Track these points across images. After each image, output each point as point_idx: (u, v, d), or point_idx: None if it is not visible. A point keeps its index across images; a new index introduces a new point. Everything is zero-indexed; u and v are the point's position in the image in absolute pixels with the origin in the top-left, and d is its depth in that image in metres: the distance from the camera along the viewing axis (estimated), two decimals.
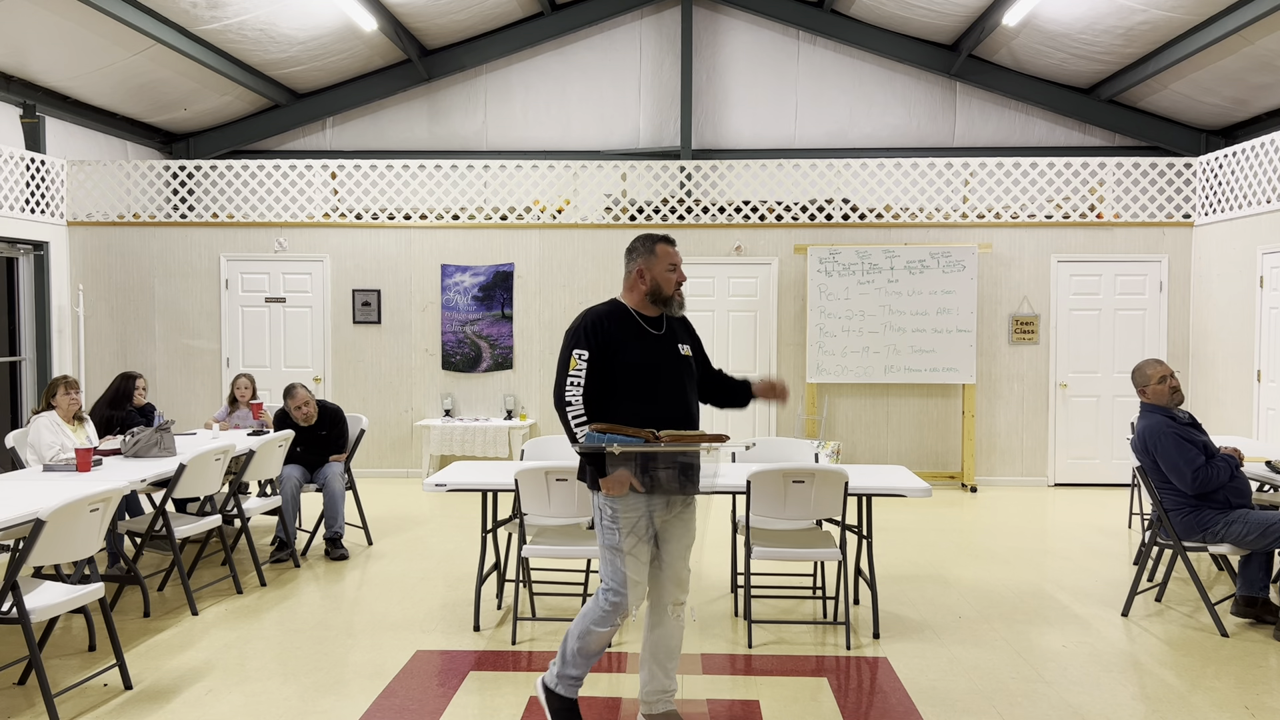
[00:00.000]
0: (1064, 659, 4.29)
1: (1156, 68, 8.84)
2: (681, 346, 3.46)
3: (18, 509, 3.81)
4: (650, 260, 3.40)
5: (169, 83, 9.33)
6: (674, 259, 3.42)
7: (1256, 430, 7.76)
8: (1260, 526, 4.53)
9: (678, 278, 3.42)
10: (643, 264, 3.40)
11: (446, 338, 9.15)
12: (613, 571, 3.29)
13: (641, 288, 3.40)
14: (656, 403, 3.30)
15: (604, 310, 3.36)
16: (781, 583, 5.48)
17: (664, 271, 3.39)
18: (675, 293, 3.42)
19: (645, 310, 3.42)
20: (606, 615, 3.30)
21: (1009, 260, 8.83)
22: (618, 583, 3.28)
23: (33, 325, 8.78)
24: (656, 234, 3.44)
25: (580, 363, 3.25)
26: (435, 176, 9.25)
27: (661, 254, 3.40)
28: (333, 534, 6.09)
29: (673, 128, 10.59)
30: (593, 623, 3.31)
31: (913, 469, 8.82)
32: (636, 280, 3.41)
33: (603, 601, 3.31)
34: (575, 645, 3.34)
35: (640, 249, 3.42)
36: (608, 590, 3.30)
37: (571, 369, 3.26)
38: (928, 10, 9.38)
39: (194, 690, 3.91)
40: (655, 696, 3.46)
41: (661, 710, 3.46)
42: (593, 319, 3.32)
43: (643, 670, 3.48)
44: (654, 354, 3.34)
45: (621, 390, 3.28)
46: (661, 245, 3.41)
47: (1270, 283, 7.65)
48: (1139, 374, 4.93)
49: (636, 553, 3.29)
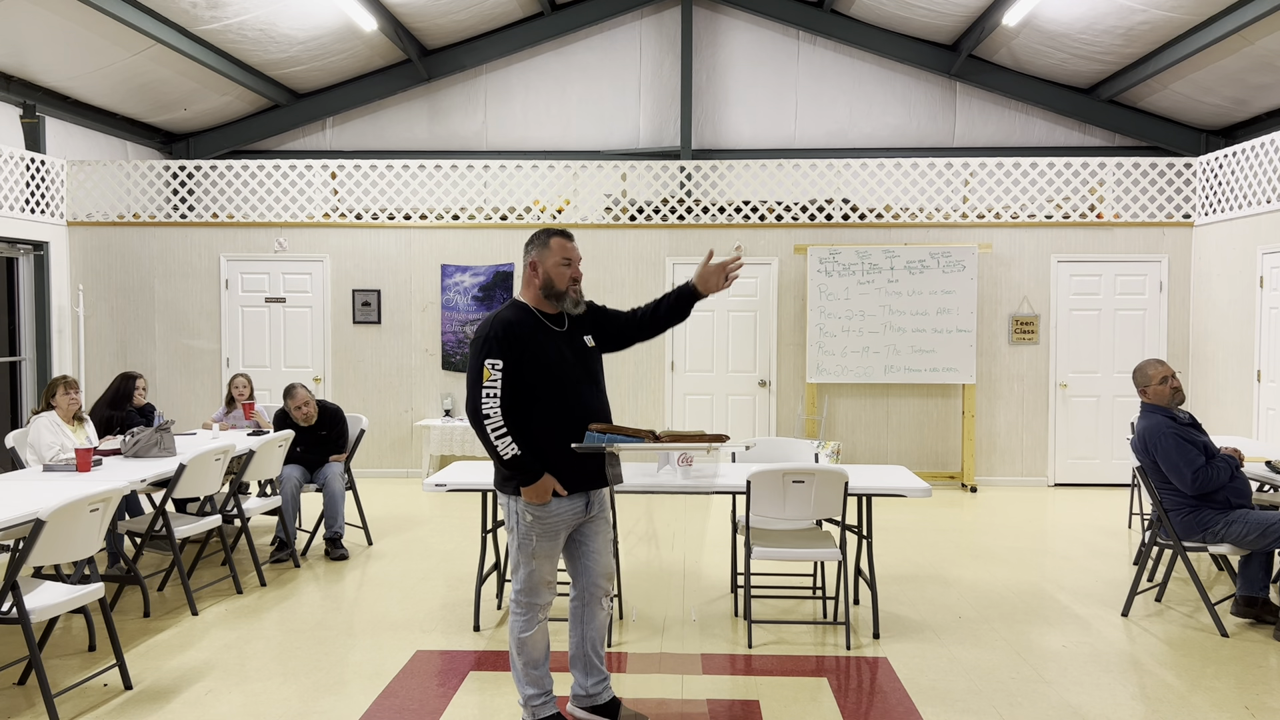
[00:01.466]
0: (1064, 659, 4.29)
1: (1156, 68, 8.84)
2: (586, 338, 3.38)
3: (18, 509, 3.81)
4: (543, 253, 3.29)
5: (169, 83, 9.33)
6: (569, 253, 3.29)
7: (1256, 430, 7.76)
8: (1260, 526, 4.53)
9: (572, 273, 3.30)
10: (535, 256, 3.31)
11: (446, 338, 9.15)
12: (526, 575, 3.30)
13: (536, 282, 3.32)
14: (569, 401, 3.24)
15: (509, 315, 3.25)
16: (781, 583, 5.48)
17: (556, 265, 3.28)
18: (569, 288, 3.29)
19: (544, 308, 3.33)
20: (527, 619, 3.32)
21: (1009, 260, 8.83)
22: (530, 585, 3.30)
23: (33, 325, 8.78)
24: (555, 228, 3.35)
25: (494, 372, 3.15)
26: (435, 176, 9.25)
27: (555, 247, 3.29)
28: (333, 534, 6.09)
29: (673, 128, 10.59)
30: (519, 632, 3.34)
31: (913, 469, 8.82)
32: (530, 274, 3.32)
33: (517, 608, 3.33)
34: (519, 663, 3.37)
35: (536, 241, 3.32)
36: (518, 593, 3.32)
37: (485, 380, 3.15)
38: (927, 10, 9.38)
39: (194, 690, 3.91)
40: (599, 687, 3.47)
41: (607, 699, 3.48)
42: (501, 325, 3.21)
43: (575, 667, 3.48)
44: (560, 352, 3.27)
45: (535, 393, 3.22)
46: (557, 239, 3.30)
47: (1270, 283, 7.65)
48: (1140, 374, 4.92)
49: (550, 554, 3.30)
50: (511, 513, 3.31)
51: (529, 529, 3.27)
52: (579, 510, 3.33)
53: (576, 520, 3.34)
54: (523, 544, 3.29)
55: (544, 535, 3.27)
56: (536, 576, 3.30)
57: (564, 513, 3.29)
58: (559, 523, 3.28)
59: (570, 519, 3.31)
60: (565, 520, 3.30)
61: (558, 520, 3.28)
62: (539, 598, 3.32)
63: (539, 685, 3.38)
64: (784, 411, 8.98)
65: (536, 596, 3.32)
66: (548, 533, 3.27)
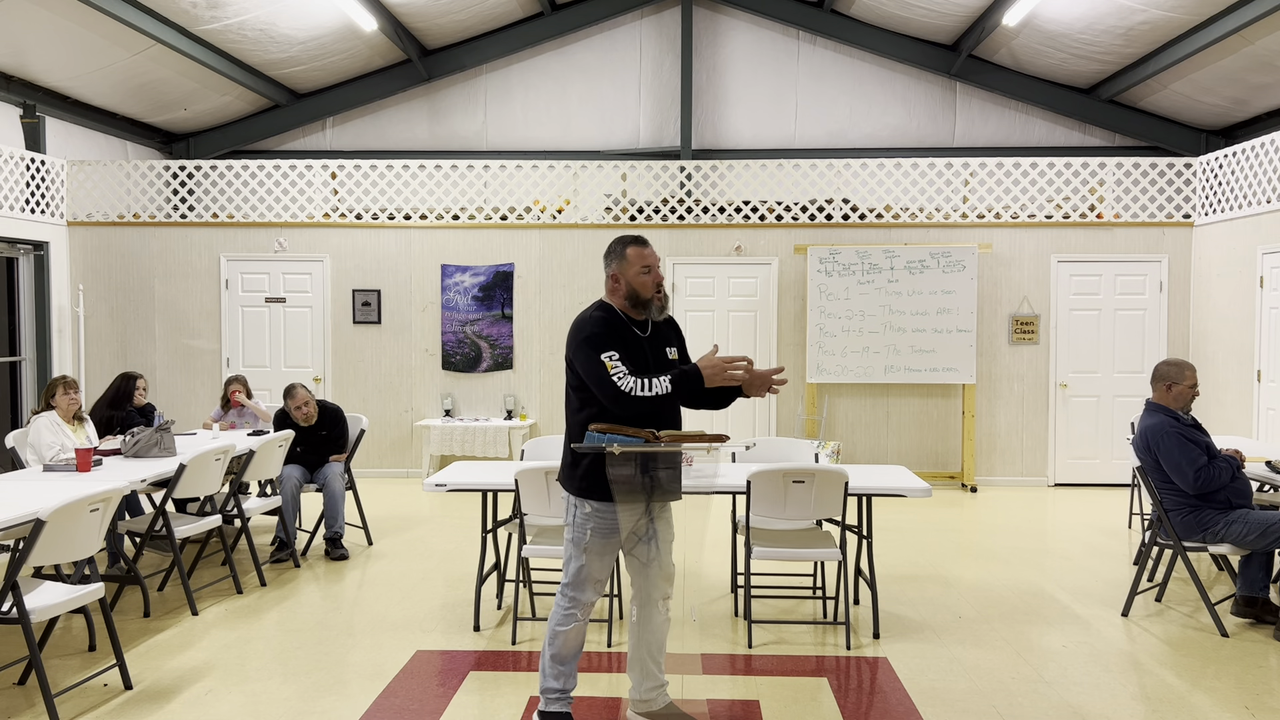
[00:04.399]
0: (1064, 659, 4.29)
1: (1156, 68, 8.84)
2: (669, 350, 3.41)
3: (18, 509, 3.81)
4: (622, 265, 3.31)
5: (169, 83, 9.33)
6: (647, 260, 3.29)
7: (1256, 430, 7.76)
8: (1260, 526, 4.54)
9: (654, 279, 3.30)
10: (616, 269, 3.32)
11: (446, 338, 9.15)
12: (576, 569, 3.31)
13: (620, 293, 3.33)
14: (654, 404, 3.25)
15: (601, 314, 3.29)
16: (781, 583, 5.48)
17: (638, 275, 3.29)
18: (654, 295, 3.31)
19: (629, 313, 3.35)
20: (568, 614, 3.33)
21: (1009, 260, 8.83)
22: (577, 579, 3.31)
23: (33, 325, 8.78)
24: (629, 236, 3.36)
25: (614, 362, 3.15)
26: (435, 176, 9.25)
27: (633, 257, 3.29)
28: (333, 534, 6.09)
29: (673, 128, 10.59)
30: (557, 624, 3.35)
31: (913, 469, 8.82)
32: (613, 286, 3.34)
33: (562, 599, 3.34)
34: (549, 654, 3.37)
35: (614, 253, 3.34)
36: (566, 585, 3.33)
37: (610, 370, 3.14)
38: (928, 10, 9.38)
39: (194, 690, 3.91)
40: (654, 693, 3.47)
41: (662, 704, 3.48)
42: (598, 323, 3.24)
43: (634, 670, 3.48)
44: (643, 357, 3.29)
45: None
46: (633, 248, 3.30)
47: (1270, 283, 7.65)
48: (1173, 369, 4.80)
49: (603, 552, 3.31)
50: (571, 507, 3.32)
51: (584, 522, 3.28)
52: (639, 511, 3.33)
53: (635, 521, 3.33)
54: (577, 538, 3.30)
55: (599, 532, 3.27)
56: (585, 572, 3.30)
57: (640, 512, 3.29)
58: (617, 522, 3.28)
59: (629, 519, 3.30)
60: (625, 520, 3.29)
61: (614, 520, 3.27)
62: (584, 594, 3.32)
63: (560, 680, 3.38)
64: (784, 411, 8.98)
65: (581, 593, 3.31)
66: (603, 529, 3.27)
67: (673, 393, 3.14)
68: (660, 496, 3.30)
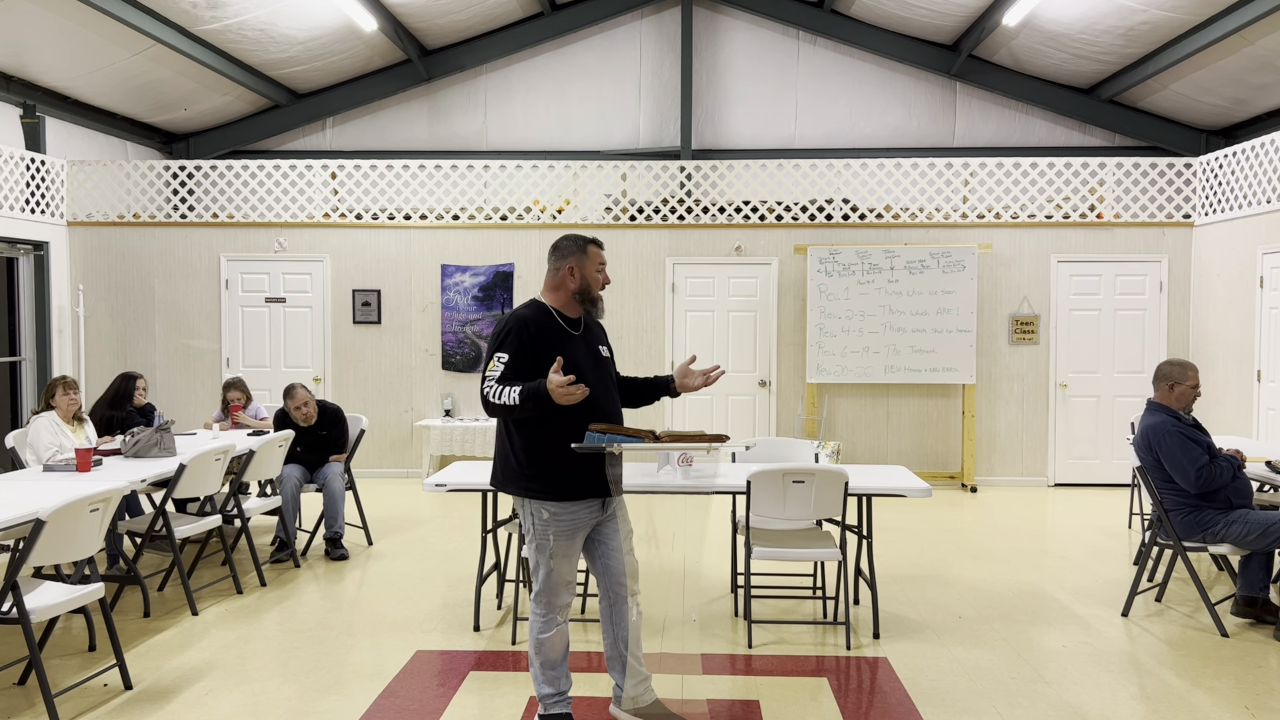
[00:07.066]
0: (1064, 659, 4.29)
1: (1156, 68, 8.84)
2: (601, 348, 3.50)
3: (18, 509, 3.81)
4: (582, 260, 3.42)
5: (169, 83, 9.33)
6: (603, 260, 3.48)
7: (1256, 430, 7.76)
8: (1260, 526, 4.54)
9: (604, 279, 3.47)
10: (574, 263, 3.41)
11: (446, 338, 9.15)
12: (545, 575, 3.33)
13: (571, 286, 3.40)
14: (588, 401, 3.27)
15: (527, 313, 3.34)
16: (781, 583, 5.48)
17: (594, 271, 3.43)
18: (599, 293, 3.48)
19: (567, 311, 3.42)
20: (546, 620, 3.35)
21: (1009, 260, 8.83)
22: (549, 585, 3.33)
23: (33, 325, 8.78)
24: (585, 235, 3.48)
25: (497, 364, 3.24)
26: (435, 176, 9.25)
27: (593, 255, 3.44)
28: (333, 534, 6.09)
29: (673, 128, 10.59)
30: (538, 633, 3.36)
31: (913, 469, 8.82)
32: (566, 278, 3.41)
33: (537, 608, 3.36)
34: (537, 662, 3.39)
35: (572, 248, 3.43)
36: (538, 594, 3.35)
37: (489, 371, 3.25)
38: (928, 10, 9.38)
39: (194, 690, 3.91)
40: (641, 688, 3.48)
41: (649, 700, 3.48)
42: (517, 321, 3.30)
43: (614, 669, 3.49)
44: (577, 355, 3.34)
45: None
46: (593, 247, 3.45)
47: (1270, 283, 7.65)
48: (1176, 369, 4.80)
49: (568, 554, 3.32)
50: (528, 514, 3.33)
51: (545, 528, 3.29)
52: (595, 510, 3.36)
53: (593, 520, 3.37)
54: (540, 544, 3.31)
55: (561, 535, 3.29)
56: (555, 577, 3.33)
57: (580, 512, 3.31)
58: (576, 522, 3.31)
59: (587, 518, 3.34)
60: (582, 520, 3.32)
61: (574, 520, 3.30)
62: (558, 598, 3.35)
63: (554, 685, 3.41)
64: (784, 411, 8.98)
65: (556, 597, 3.35)
66: (564, 532, 3.30)
67: (519, 405, 3.14)
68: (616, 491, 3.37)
